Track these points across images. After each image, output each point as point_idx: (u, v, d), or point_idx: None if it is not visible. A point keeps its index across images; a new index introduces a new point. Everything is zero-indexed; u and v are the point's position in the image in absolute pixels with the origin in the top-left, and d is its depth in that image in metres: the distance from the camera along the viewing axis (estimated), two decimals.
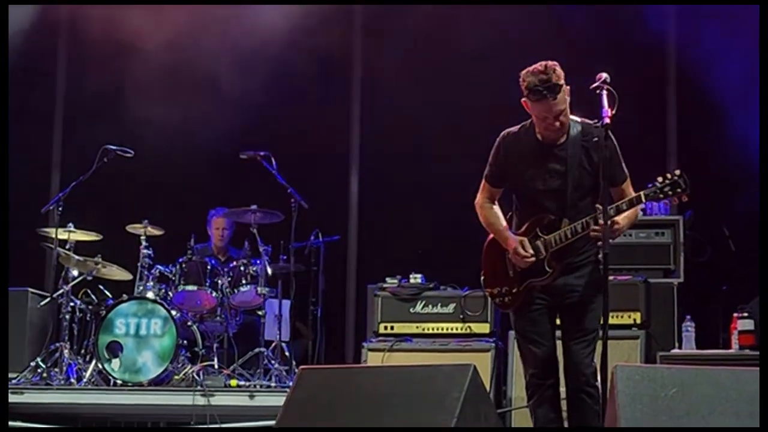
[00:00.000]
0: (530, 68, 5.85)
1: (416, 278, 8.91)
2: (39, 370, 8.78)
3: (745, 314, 8.23)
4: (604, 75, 5.84)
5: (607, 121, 5.70)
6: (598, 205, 5.86)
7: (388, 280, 8.95)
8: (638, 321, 8.24)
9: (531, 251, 5.96)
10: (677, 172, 5.81)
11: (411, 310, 8.83)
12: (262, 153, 9.34)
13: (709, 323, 8.78)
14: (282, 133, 10.27)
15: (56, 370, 8.79)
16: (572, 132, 5.97)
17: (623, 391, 4.82)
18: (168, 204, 10.40)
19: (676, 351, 8.22)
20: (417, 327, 8.79)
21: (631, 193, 5.98)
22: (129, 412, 8.68)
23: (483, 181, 6.26)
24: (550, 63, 5.83)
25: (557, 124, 5.87)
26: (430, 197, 10.48)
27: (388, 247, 10.44)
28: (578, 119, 6.02)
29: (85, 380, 8.71)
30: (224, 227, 9.98)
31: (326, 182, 10.67)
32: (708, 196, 9.28)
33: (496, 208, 6.23)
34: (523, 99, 5.89)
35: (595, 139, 5.89)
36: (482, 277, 6.33)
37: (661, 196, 5.81)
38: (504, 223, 6.17)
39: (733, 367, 5.25)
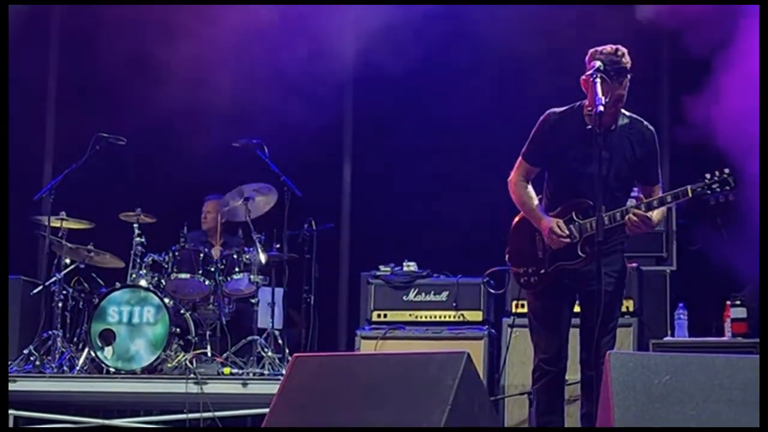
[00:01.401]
0: (601, 47, 5.89)
1: (410, 266, 8.92)
2: (32, 359, 8.78)
3: (738, 302, 8.25)
4: (598, 63, 5.85)
5: (601, 109, 5.69)
6: (633, 198, 5.88)
7: (381, 267, 8.98)
8: (631, 309, 8.25)
9: (567, 231, 5.94)
10: (726, 170, 5.79)
11: (404, 297, 8.84)
12: (255, 141, 9.34)
13: (701, 311, 8.80)
14: (275, 122, 10.24)
15: (49, 358, 8.79)
16: (621, 122, 5.99)
17: (617, 378, 4.82)
18: (161, 192, 10.39)
19: (668, 339, 8.24)
20: (410, 315, 8.81)
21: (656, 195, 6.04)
22: (122, 400, 8.69)
23: (520, 158, 6.22)
24: (622, 47, 5.88)
25: (612, 109, 5.86)
26: (423, 185, 10.48)
27: (381, 235, 10.44)
28: (628, 113, 6.04)
29: (77, 368, 8.71)
30: (209, 210, 10.00)
31: (319, 170, 10.65)
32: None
33: (530, 187, 6.20)
34: (584, 77, 5.90)
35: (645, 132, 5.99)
36: (507, 255, 6.32)
37: (709, 192, 5.79)
38: (537, 203, 6.14)
39: (726, 354, 5.26)
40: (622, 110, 6.00)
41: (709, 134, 8.29)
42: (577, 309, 6.21)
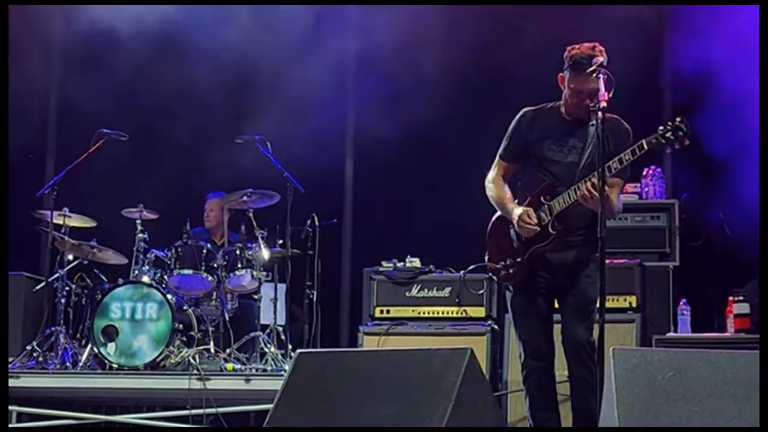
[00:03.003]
0: (579, 44, 6.05)
1: (412, 262, 8.93)
2: (34, 355, 8.78)
3: (740, 298, 8.26)
4: (601, 58, 5.91)
5: (604, 104, 5.73)
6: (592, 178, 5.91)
7: (383, 263, 8.97)
8: (634, 304, 8.26)
9: (536, 220, 6.06)
10: (677, 118, 5.89)
11: (407, 293, 8.84)
12: (257, 137, 9.34)
13: (704, 307, 8.80)
14: (277, 117, 10.23)
15: (52, 354, 8.79)
16: (598, 116, 6.01)
17: (620, 374, 4.82)
18: (163, 188, 10.38)
19: (671, 334, 8.25)
20: (413, 311, 8.80)
21: (617, 187, 6.18)
22: (124, 396, 8.71)
23: (497, 158, 6.38)
24: (599, 44, 6.03)
25: (587, 101, 5.98)
26: (426, 180, 10.48)
27: (384, 230, 10.44)
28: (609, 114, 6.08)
29: (80, 364, 8.70)
30: (211, 209, 10.01)
31: (322, 166, 10.64)
32: (703, 178, 9.35)
33: (503, 184, 6.35)
34: (561, 73, 6.12)
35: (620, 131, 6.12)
36: (486, 256, 6.41)
37: (663, 141, 5.87)
38: (510, 196, 6.29)
39: (729, 350, 5.26)
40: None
41: None
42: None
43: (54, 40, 11.36)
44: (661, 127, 5.89)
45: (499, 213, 6.36)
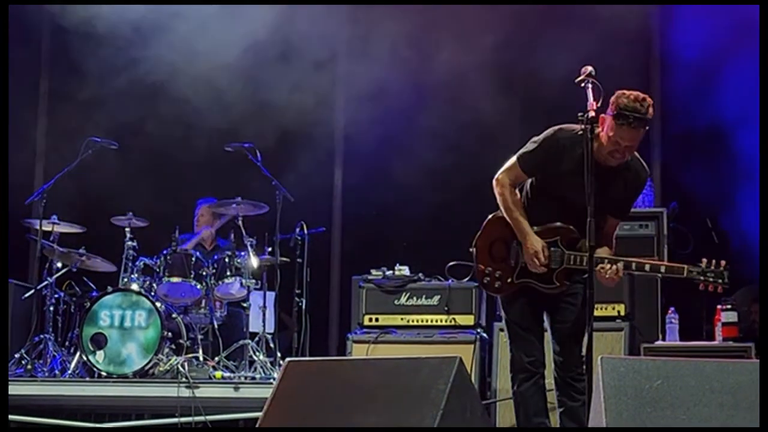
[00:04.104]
0: (630, 92, 5.83)
1: (401, 270, 8.93)
2: (23, 362, 8.78)
3: (728, 306, 8.27)
4: (590, 68, 5.85)
5: (592, 114, 5.70)
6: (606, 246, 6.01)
7: (372, 271, 8.97)
8: (622, 313, 8.28)
9: (547, 261, 5.99)
10: (723, 262, 5.91)
11: (396, 301, 8.85)
12: (247, 145, 9.35)
13: (692, 315, 8.82)
14: (267, 125, 10.24)
15: (41, 362, 8.80)
16: (625, 161, 6.00)
17: (608, 383, 4.84)
18: (152, 196, 10.37)
19: (659, 342, 8.26)
20: (402, 319, 8.81)
21: (615, 228, 6.18)
22: (113, 404, 8.68)
23: (514, 161, 6.16)
24: (649, 98, 5.82)
25: (618, 155, 5.87)
26: (415, 189, 10.48)
27: (372, 238, 10.45)
28: (635, 153, 6.05)
29: (69, 372, 8.71)
30: (202, 214, 10.02)
31: (311, 174, 10.65)
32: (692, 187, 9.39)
33: (518, 193, 6.19)
34: (604, 115, 5.85)
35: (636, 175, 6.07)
36: (473, 249, 6.28)
37: (701, 278, 5.92)
38: (525, 214, 6.11)
39: (717, 359, 5.28)
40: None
41: None
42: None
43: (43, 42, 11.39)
44: (704, 260, 5.91)
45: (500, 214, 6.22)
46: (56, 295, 9.09)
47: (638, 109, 5.76)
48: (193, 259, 9.14)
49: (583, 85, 5.81)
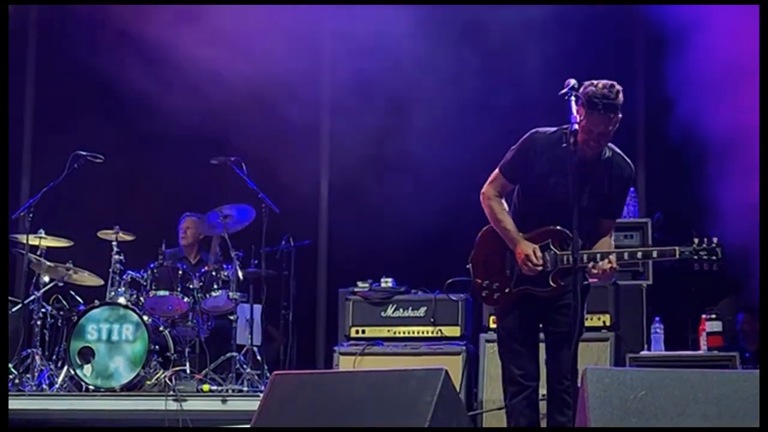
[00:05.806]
0: (598, 81, 5.85)
1: (387, 282, 8.95)
2: (11, 377, 8.76)
3: (713, 316, 8.32)
4: (572, 81, 5.86)
5: (576, 127, 5.72)
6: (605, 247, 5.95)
7: (359, 284, 9.00)
8: (608, 323, 8.31)
9: (542, 261, 5.97)
10: (715, 239, 5.87)
11: (382, 313, 8.87)
12: (233, 158, 9.37)
13: (677, 325, 8.86)
14: (252, 138, 10.25)
15: (28, 376, 8.78)
16: (604, 155, 6.00)
17: (593, 393, 4.87)
18: (139, 209, 10.38)
19: (645, 352, 8.29)
20: (388, 331, 8.83)
21: (611, 230, 6.12)
22: (101, 418, 8.66)
23: (497, 172, 6.17)
24: (618, 85, 5.85)
25: (593, 143, 5.88)
26: (401, 201, 10.49)
27: (358, 251, 10.46)
28: (615, 148, 6.06)
29: (57, 386, 8.70)
30: (187, 226, 10.01)
31: (297, 187, 10.66)
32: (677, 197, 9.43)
33: (504, 203, 6.18)
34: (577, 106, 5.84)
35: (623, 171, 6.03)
36: (470, 265, 6.28)
37: (695, 257, 5.86)
38: (512, 222, 6.10)
39: (702, 368, 5.32)
40: (610, 145, 6.01)
41: None
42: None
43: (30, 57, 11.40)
44: (696, 241, 5.86)
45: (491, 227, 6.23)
46: (43, 309, 9.09)
47: (607, 95, 5.79)
48: (180, 272, 9.16)
49: (566, 98, 5.83)
